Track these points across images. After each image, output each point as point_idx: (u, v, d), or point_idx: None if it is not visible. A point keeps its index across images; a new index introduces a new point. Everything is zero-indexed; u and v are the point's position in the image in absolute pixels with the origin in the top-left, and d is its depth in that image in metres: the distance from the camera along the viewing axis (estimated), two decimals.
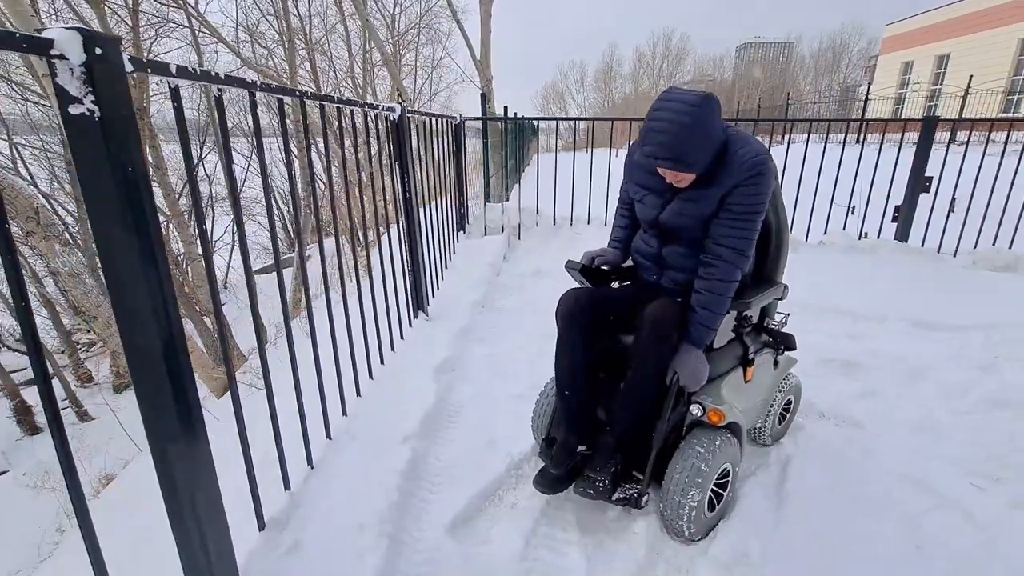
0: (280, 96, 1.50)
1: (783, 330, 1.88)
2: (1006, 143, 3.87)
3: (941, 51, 18.36)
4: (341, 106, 2.02)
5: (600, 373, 1.69)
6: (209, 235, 1.44)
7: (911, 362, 2.59)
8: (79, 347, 11.63)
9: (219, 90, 1.20)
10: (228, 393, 1.82)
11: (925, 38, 18.91)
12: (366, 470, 1.74)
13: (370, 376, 2.31)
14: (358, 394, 2.17)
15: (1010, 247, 3.92)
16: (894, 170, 3.99)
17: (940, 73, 18.33)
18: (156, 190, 7.50)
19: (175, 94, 1.08)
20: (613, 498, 1.50)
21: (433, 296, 3.32)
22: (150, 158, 7.70)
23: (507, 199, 5.60)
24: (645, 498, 1.49)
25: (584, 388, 1.61)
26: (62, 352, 10.98)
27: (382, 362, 2.46)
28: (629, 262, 1.83)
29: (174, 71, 1.00)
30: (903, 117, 11.59)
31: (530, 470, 1.86)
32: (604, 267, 1.79)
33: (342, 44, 13.71)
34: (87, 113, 0.83)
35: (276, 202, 15.63)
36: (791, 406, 2.05)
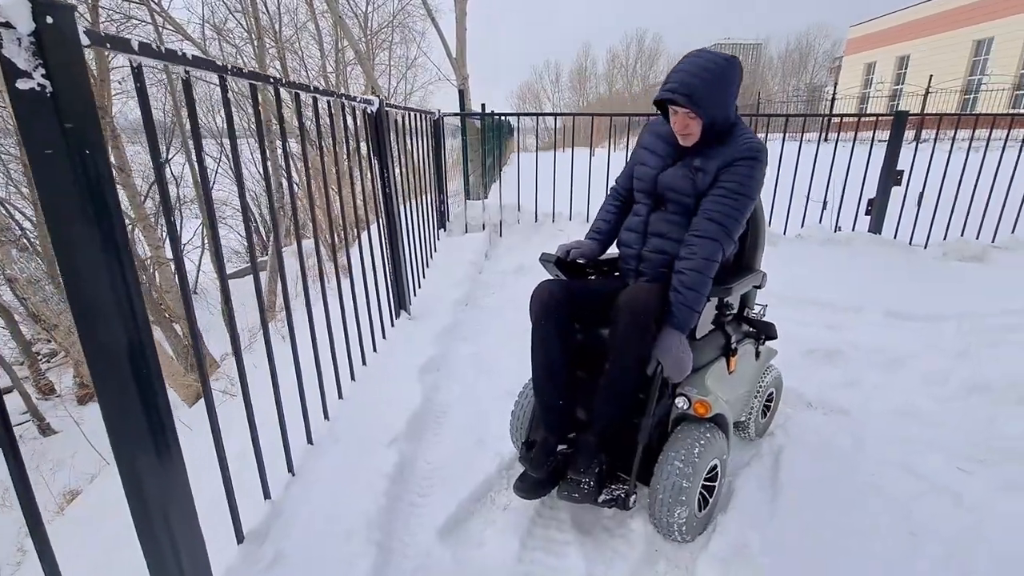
0: (252, 82, 1.42)
1: (763, 319, 1.87)
2: (971, 139, 4.01)
3: (902, 52, 19.03)
4: (317, 96, 1.93)
5: (578, 371, 1.62)
6: (179, 234, 1.35)
7: (889, 351, 2.63)
8: (40, 358, 11.10)
9: (186, 72, 1.11)
10: (201, 400, 1.72)
11: (887, 40, 19.58)
12: (351, 474, 1.66)
13: (352, 378, 2.23)
14: (340, 396, 2.09)
15: (977, 238, 4.05)
16: (867, 165, 4.08)
17: (901, 73, 18.99)
18: (120, 192, 7.20)
19: (137, 74, 0.99)
20: (600, 500, 1.42)
21: (415, 295, 3.25)
22: (113, 159, 7.39)
23: (486, 197, 5.55)
24: (633, 498, 1.42)
25: (562, 384, 1.54)
26: (21, 363, 10.46)
27: (364, 363, 2.38)
28: (607, 254, 1.81)
29: (136, 47, 0.92)
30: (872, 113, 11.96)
31: (521, 469, 1.81)
32: (580, 260, 1.74)
33: (313, 43, 13.42)
34: (37, 88, 0.75)
35: (248, 204, 15.23)
36: (773, 399, 2.04)
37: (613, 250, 1.82)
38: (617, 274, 1.79)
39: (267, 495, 1.50)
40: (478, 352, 2.70)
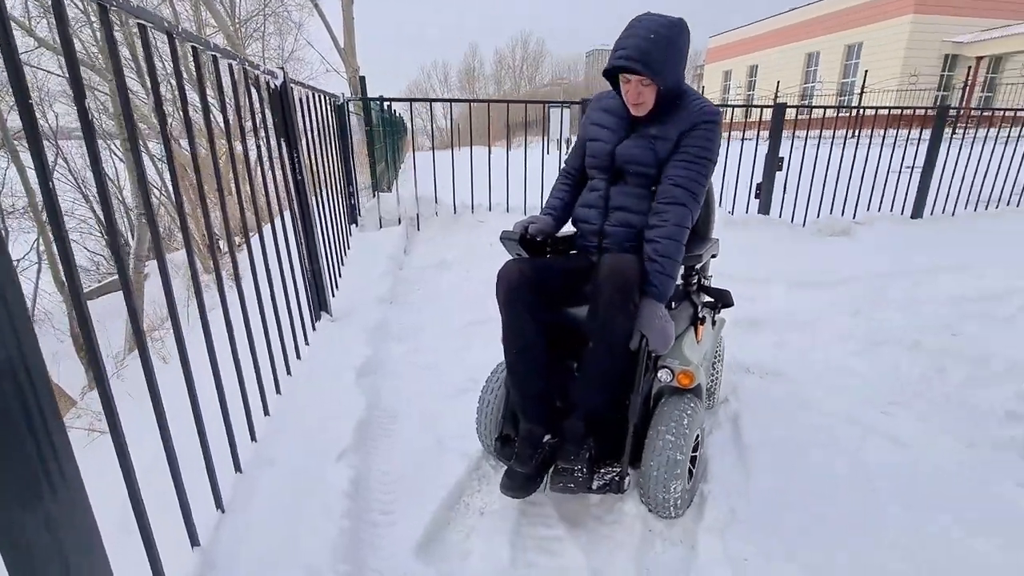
0: (140, 21, 1.10)
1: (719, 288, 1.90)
2: (833, 134, 4.59)
3: (752, 62, 21.64)
4: (217, 57, 1.61)
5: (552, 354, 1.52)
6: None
7: (800, 315, 2.88)
8: None
9: None
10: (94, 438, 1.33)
11: (739, 50, 22.14)
12: (298, 499, 1.39)
13: (277, 391, 1.91)
14: (266, 413, 1.77)
15: (842, 215, 4.64)
16: (754, 154, 4.48)
17: (752, 80, 21.60)
18: None
19: None
20: (594, 487, 1.34)
21: (333, 296, 2.92)
22: None
23: (390, 191, 5.22)
24: (627, 480, 1.36)
25: (542, 369, 1.43)
26: None
27: (289, 373, 2.05)
28: (563, 231, 1.73)
29: None
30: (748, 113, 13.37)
31: (491, 468, 1.66)
32: (538, 237, 1.64)
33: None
34: None
35: (94, 208, 13.00)
36: (717, 367, 2.10)
37: (567, 228, 1.75)
38: (574, 252, 1.71)
39: (195, 542, 1.19)
40: (416, 350, 2.49)
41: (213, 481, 1.31)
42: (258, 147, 2.03)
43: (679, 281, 1.65)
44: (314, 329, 2.48)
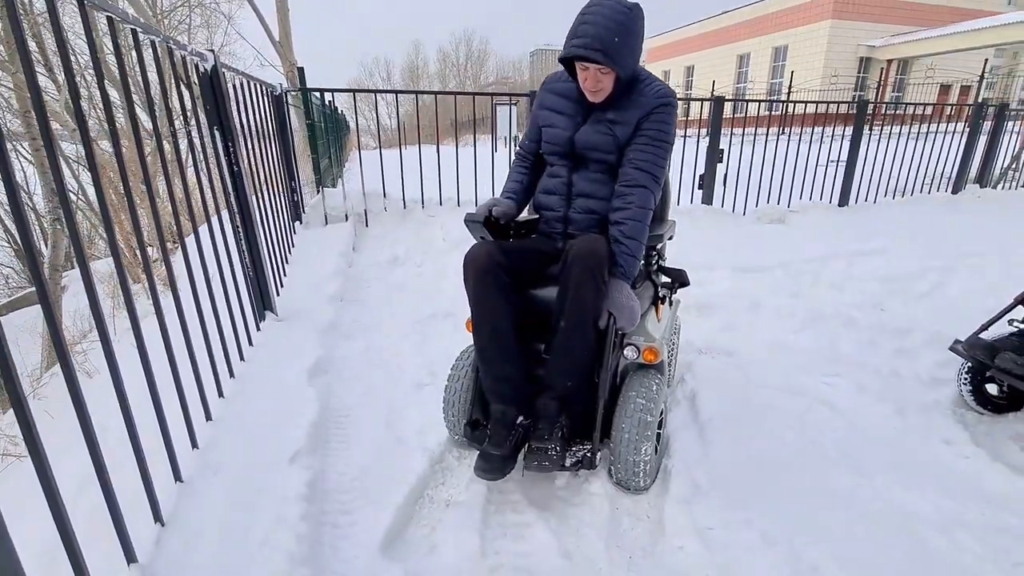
0: None
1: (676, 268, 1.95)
2: (767, 131, 4.84)
3: (688, 62, 22.53)
4: (137, 29, 1.47)
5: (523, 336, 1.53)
6: None
7: (745, 298, 3.00)
8: None
9: None
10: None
11: (677, 51, 22.99)
12: (247, 507, 1.30)
13: (220, 395, 1.78)
14: (208, 418, 1.65)
15: (778, 204, 4.90)
16: (696, 148, 4.65)
17: (690, 80, 22.49)
18: None
19: None
20: (567, 464, 1.36)
21: (278, 294, 2.77)
22: None
23: (335, 187, 5.04)
24: (599, 455, 1.39)
25: (513, 351, 1.44)
26: None
27: (232, 376, 1.92)
28: (525, 216, 1.73)
29: None
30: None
31: (454, 460, 1.62)
32: (503, 219, 1.63)
33: (78, 19, 10.88)
34: None
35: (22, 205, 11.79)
36: (674, 346, 2.17)
37: (528, 213, 1.74)
38: (534, 236, 1.71)
39: (132, 558, 1.08)
40: (370, 347, 2.41)
41: (150, 492, 1.20)
42: (188, 136, 1.88)
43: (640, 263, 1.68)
44: (258, 329, 2.34)
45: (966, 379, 1.88)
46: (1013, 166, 6.14)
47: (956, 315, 2.51)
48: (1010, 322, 1.80)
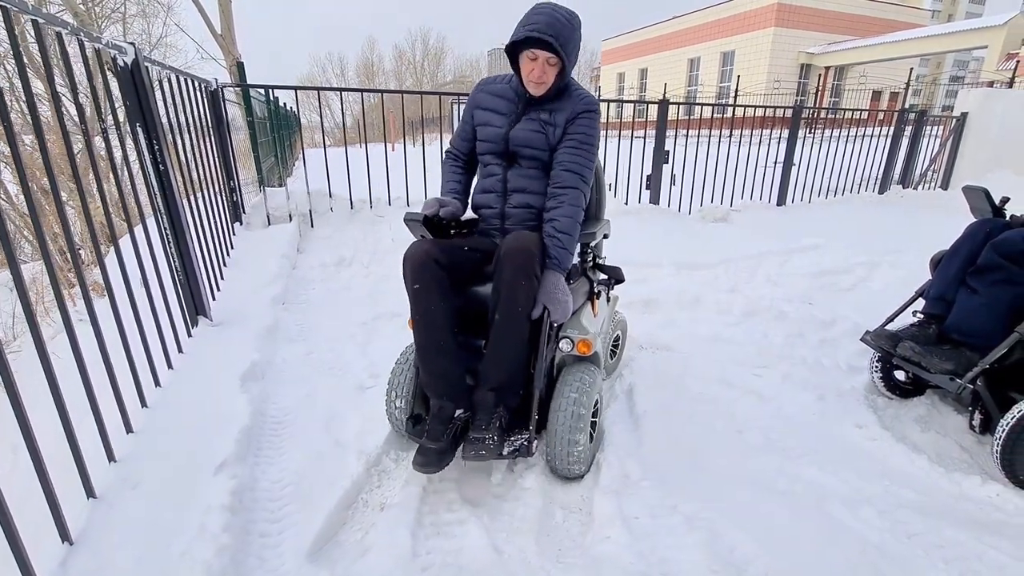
0: None
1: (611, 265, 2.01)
2: (710, 133, 5.03)
3: (642, 65, 23.08)
4: (38, 20, 1.38)
5: (461, 332, 1.55)
6: None
7: (686, 294, 3.10)
8: None
9: None
10: None
11: (631, 54, 23.51)
12: (167, 522, 1.25)
13: (143, 404, 1.70)
14: (129, 431, 1.57)
15: (721, 203, 5.10)
16: (643, 150, 4.78)
17: (644, 83, 23.05)
18: None
19: None
20: (505, 452, 1.39)
21: (214, 299, 2.67)
22: None
23: (280, 186, 4.89)
24: (535, 443, 1.44)
25: (451, 348, 1.46)
26: None
27: (158, 384, 1.84)
28: (467, 214, 1.75)
29: None
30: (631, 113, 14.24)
31: (392, 462, 1.61)
32: (451, 220, 1.65)
33: None
34: None
35: None
36: (620, 341, 2.24)
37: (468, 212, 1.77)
38: (475, 232, 1.74)
39: None
40: (312, 351, 2.35)
41: (56, 510, 1.14)
42: (104, 134, 1.78)
43: (576, 259, 1.73)
44: (190, 336, 2.25)
45: (877, 367, 2.02)
46: (932, 167, 6.62)
47: (876, 307, 2.68)
48: (913, 313, 1.94)
